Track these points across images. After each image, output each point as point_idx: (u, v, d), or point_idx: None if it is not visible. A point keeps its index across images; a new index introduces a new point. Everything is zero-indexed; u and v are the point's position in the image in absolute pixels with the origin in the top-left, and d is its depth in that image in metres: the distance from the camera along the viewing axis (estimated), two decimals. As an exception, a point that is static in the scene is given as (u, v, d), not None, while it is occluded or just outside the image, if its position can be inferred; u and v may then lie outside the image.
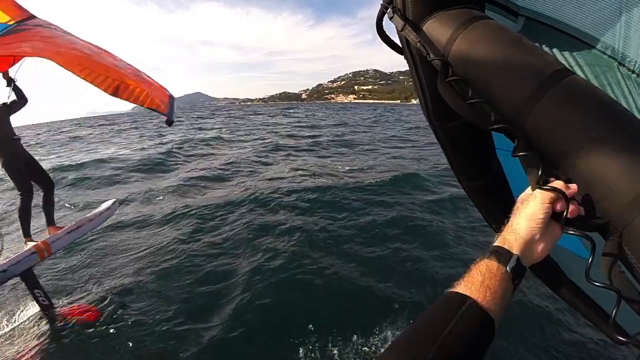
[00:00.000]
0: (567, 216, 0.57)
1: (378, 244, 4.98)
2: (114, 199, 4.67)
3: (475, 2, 0.84)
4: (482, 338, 0.51)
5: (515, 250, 0.59)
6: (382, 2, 0.91)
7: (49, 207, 3.82)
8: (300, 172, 9.74)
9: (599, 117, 0.56)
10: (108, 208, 4.35)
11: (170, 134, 21.17)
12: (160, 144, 16.92)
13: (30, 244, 3.36)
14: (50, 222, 3.82)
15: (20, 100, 3.52)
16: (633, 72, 0.75)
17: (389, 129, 24.61)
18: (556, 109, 0.59)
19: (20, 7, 3.09)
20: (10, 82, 3.40)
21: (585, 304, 1.50)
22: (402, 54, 0.98)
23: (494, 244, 0.62)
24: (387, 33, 0.99)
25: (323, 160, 12.01)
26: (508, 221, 0.65)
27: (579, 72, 0.81)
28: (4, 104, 3.45)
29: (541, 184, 0.60)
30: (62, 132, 32.98)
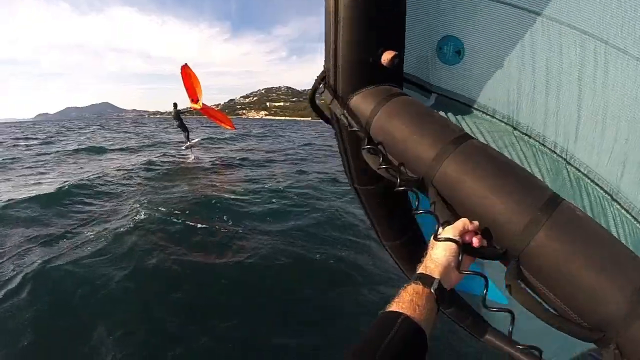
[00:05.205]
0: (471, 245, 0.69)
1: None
2: (198, 139, 15.72)
3: (395, 81, 1.00)
4: (416, 348, 0.59)
5: (436, 275, 0.68)
6: (316, 78, 1.03)
7: (186, 136, 13.78)
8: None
9: (494, 168, 0.71)
10: (198, 141, 15.31)
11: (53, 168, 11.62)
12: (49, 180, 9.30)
13: (192, 142, 14.21)
14: (188, 139, 13.88)
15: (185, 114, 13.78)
16: (525, 134, 0.92)
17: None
18: (459, 164, 0.72)
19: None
20: (192, 111, 13.14)
21: (507, 345, 1.68)
22: (330, 124, 1.11)
23: (418, 272, 0.72)
24: (319, 105, 1.10)
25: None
26: (426, 254, 0.75)
27: (480, 137, 0.99)
28: (180, 112, 13.26)
29: (439, 233, 0.71)
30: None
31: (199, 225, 5.85)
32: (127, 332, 3.24)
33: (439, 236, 0.71)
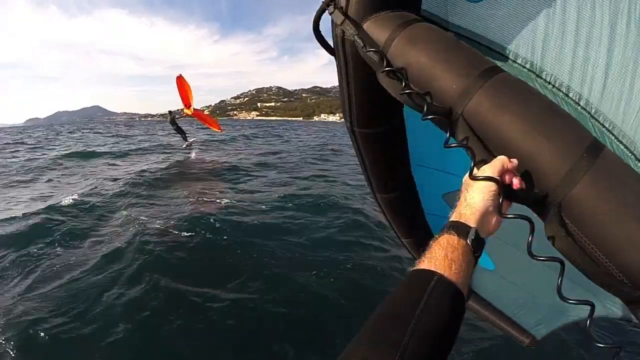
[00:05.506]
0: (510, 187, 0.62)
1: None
2: (194, 138, 19.52)
3: (413, 9, 0.90)
4: (454, 312, 0.50)
5: (472, 223, 0.60)
6: (323, 1, 0.91)
7: (184, 137, 16.39)
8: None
9: (533, 104, 0.64)
10: (194, 140, 18.60)
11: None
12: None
13: (189, 141, 17.25)
14: (186, 140, 16.80)
15: (179, 117, 16.16)
16: (549, 83, 0.88)
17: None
18: (493, 98, 0.65)
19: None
20: (188, 114, 15.12)
21: (489, 311, 1.68)
22: (333, 54, 0.99)
23: (450, 219, 0.63)
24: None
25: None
26: (460, 198, 0.66)
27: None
28: (175, 117, 16.01)
29: (475, 173, 0.64)
30: None
31: (192, 237, 5.56)
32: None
33: (475, 175, 0.63)
